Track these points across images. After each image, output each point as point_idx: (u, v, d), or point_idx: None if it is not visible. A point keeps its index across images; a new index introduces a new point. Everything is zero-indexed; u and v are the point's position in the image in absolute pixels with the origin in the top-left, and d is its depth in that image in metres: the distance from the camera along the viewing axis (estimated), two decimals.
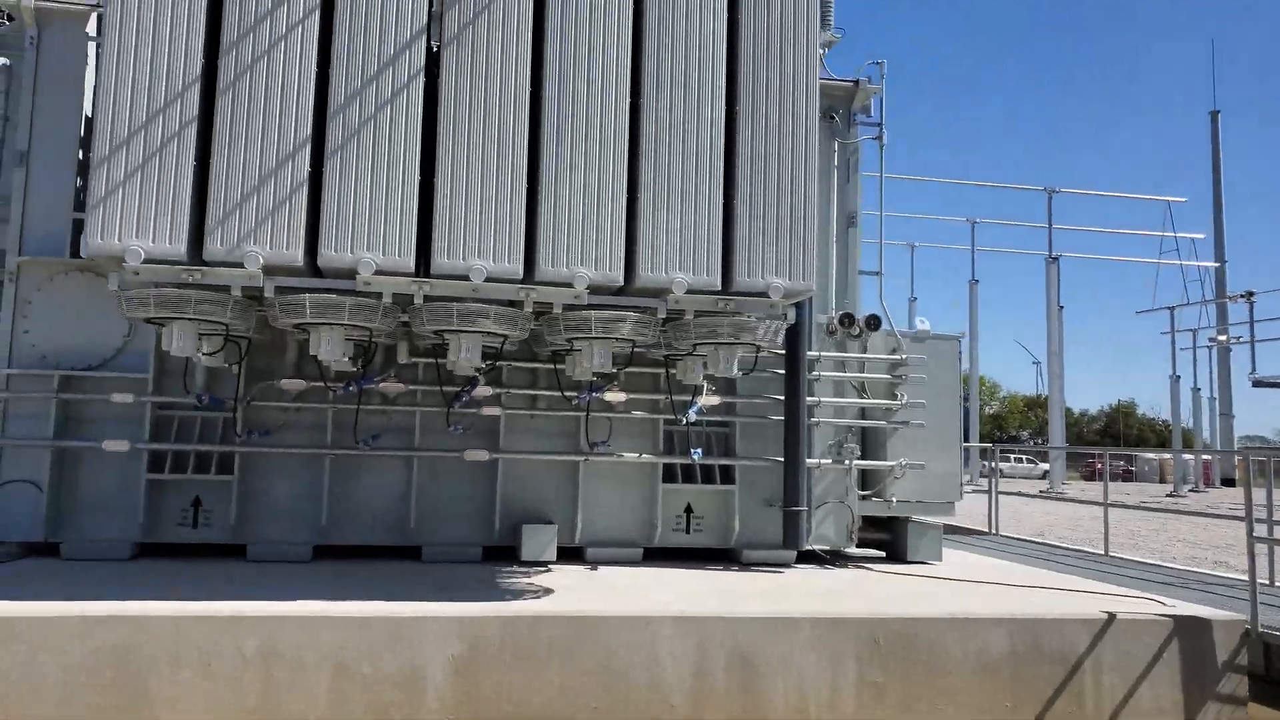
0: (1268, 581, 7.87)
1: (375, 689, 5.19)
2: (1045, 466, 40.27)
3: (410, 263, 5.47)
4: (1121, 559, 9.93)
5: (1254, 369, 24.39)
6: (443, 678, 5.30)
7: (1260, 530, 7.06)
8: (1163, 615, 6.06)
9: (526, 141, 5.60)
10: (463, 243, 5.50)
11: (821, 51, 9.36)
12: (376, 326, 5.86)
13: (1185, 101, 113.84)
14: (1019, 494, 15.32)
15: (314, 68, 5.41)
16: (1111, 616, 5.95)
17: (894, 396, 8.34)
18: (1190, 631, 6.00)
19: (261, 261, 5.26)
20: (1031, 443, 59.79)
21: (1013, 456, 48.36)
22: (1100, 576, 8.10)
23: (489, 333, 5.89)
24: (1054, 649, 5.86)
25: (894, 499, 8.27)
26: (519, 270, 5.56)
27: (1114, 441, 65.53)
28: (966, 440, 34.38)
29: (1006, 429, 68.13)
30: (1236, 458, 33.07)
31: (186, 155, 5.24)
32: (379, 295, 5.66)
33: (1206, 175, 32.70)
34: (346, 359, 6.15)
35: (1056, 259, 32.30)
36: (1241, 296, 26.28)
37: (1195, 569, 9.82)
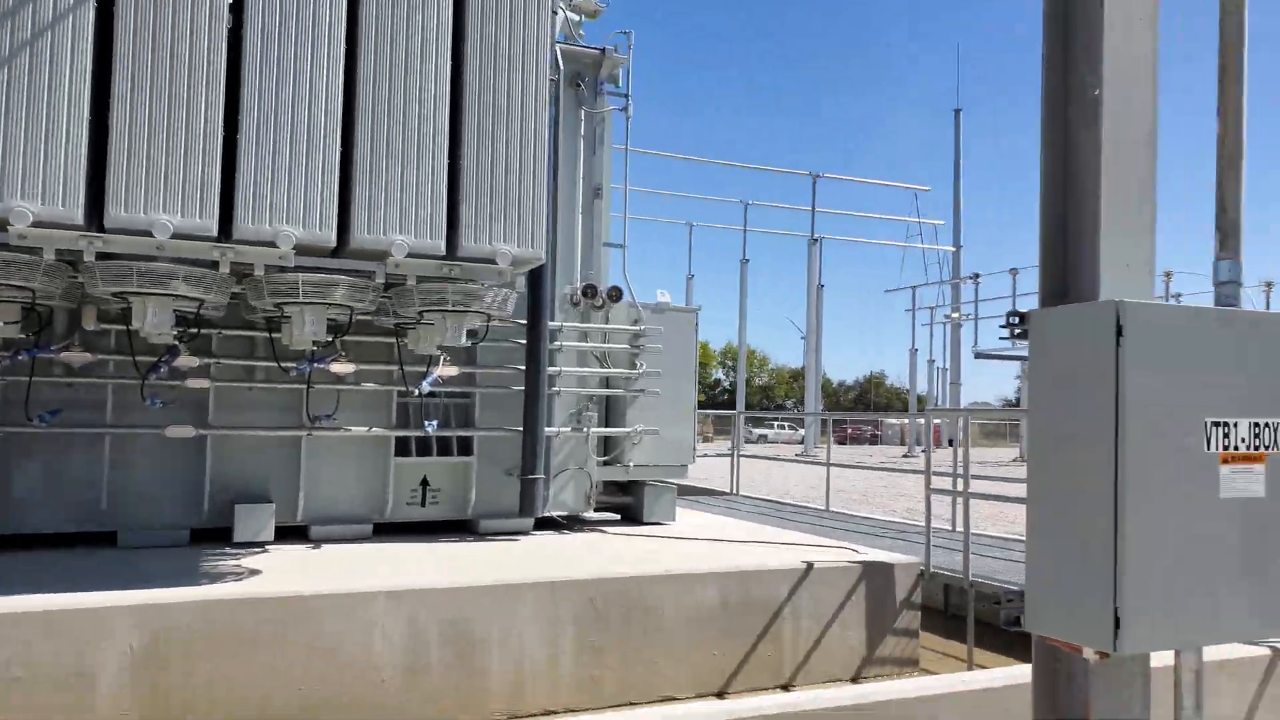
0: (950, 527, 8.95)
1: (29, 693, 4.61)
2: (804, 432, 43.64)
3: (78, 215, 4.82)
4: (840, 514, 10.90)
5: (976, 342, 27.64)
6: (117, 673, 4.80)
7: (942, 483, 8.01)
8: (854, 562, 6.69)
9: (223, 81, 5.07)
10: (144, 194, 4.92)
11: (578, 18, 9.34)
12: (38, 287, 5.15)
13: (932, 99, 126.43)
14: (777, 458, 16.40)
15: None
16: (810, 566, 6.48)
17: (634, 366, 8.57)
18: (875, 575, 6.66)
19: None
20: (796, 411, 64.48)
21: (775, 423, 52.21)
22: (818, 531, 8.82)
23: (180, 296, 5.36)
24: (760, 599, 6.29)
25: (631, 464, 8.53)
26: (213, 227, 5.06)
27: (866, 409, 72.21)
28: (733, 409, 36.54)
29: (774, 398, 73.16)
30: (924, 419, 37.52)
31: None
32: (40, 251, 4.97)
33: (949, 167, 36.44)
34: (2, 323, 5.38)
35: (818, 240, 34.84)
36: (970, 278, 29.54)
37: (905, 520, 10.98)
